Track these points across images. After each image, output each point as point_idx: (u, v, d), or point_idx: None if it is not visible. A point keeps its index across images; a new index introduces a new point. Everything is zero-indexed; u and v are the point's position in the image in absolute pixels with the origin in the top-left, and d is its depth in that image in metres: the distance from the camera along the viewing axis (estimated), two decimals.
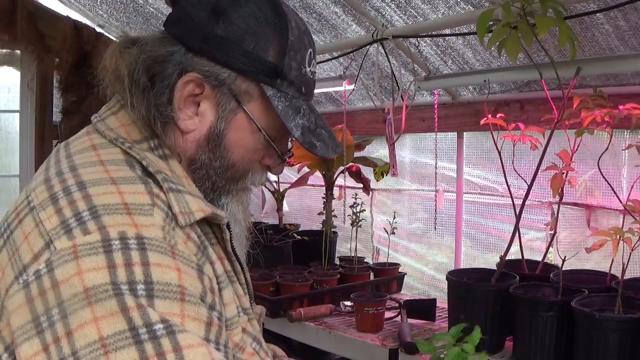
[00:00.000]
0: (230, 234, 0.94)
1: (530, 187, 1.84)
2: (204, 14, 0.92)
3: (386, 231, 2.66)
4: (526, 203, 1.88)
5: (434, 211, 2.80)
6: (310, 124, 0.98)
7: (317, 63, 2.81)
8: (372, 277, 2.69)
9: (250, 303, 1.10)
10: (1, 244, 0.83)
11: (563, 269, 1.75)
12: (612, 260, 1.82)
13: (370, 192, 3.09)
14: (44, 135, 3.42)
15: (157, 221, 0.80)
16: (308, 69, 0.98)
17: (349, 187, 2.96)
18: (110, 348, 0.70)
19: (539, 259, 2.09)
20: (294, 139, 0.97)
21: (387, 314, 2.27)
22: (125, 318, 0.72)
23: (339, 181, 2.94)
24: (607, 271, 1.89)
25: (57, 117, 3.46)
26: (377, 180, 2.84)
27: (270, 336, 2.06)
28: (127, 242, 0.76)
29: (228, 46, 0.91)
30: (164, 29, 0.97)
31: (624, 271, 1.67)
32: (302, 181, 3.11)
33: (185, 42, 0.92)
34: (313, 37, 1.04)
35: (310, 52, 0.99)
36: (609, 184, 1.87)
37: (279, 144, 0.99)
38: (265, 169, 1.03)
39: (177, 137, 0.94)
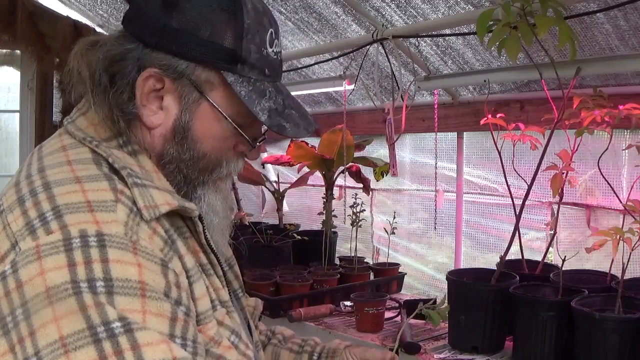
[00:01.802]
0: (204, 226, 0.93)
1: (530, 187, 1.84)
2: (157, 8, 0.91)
3: (386, 231, 2.66)
4: (526, 203, 1.88)
5: (434, 211, 2.80)
6: (278, 106, 0.96)
7: (317, 63, 2.84)
8: (372, 277, 2.69)
9: (239, 295, 1.10)
10: None
11: (563, 269, 1.75)
12: (612, 260, 1.82)
13: (370, 192, 3.09)
14: (44, 135, 3.41)
15: (119, 217, 0.80)
16: (270, 50, 0.96)
17: (349, 187, 2.96)
18: (70, 347, 0.70)
19: (539, 259, 2.09)
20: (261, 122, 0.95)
21: (387, 314, 2.27)
22: (84, 317, 0.72)
23: (339, 181, 2.94)
24: (607, 271, 1.89)
25: (57, 117, 3.46)
26: (377, 180, 2.84)
27: None
28: (87, 240, 0.76)
29: (183, 37, 0.90)
30: (122, 27, 0.96)
31: (624, 271, 1.67)
32: (302, 181, 3.11)
33: (141, 38, 0.92)
34: (313, 36, 1.03)
35: (272, 32, 0.96)
36: (609, 184, 1.87)
37: (249, 130, 0.98)
38: (241, 155, 1.02)
39: (144, 134, 0.94)
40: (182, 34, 0.90)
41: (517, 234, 1.91)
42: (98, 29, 3.36)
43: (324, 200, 2.81)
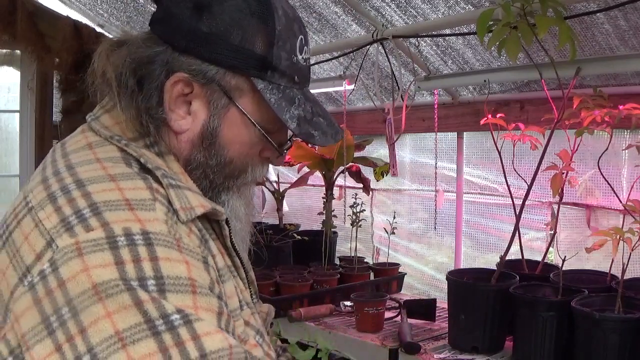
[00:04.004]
0: (230, 230, 0.93)
1: (530, 187, 1.84)
2: (187, 11, 0.90)
3: (386, 231, 2.66)
4: (526, 203, 1.88)
5: (434, 211, 2.80)
6: (307, 114, 0.95)
7: (317, 63, 2.84)
8: (372, 277, 2.69)
9: (254, 300, 1.09)
10: (0, 245, 0.82)
11: (563, 269, 1.75)
12: (612, 260, 1.82)
13: (370, 192, 3.09)
14: (44, 135, 3.41)
15: (159, 215, 0.80)
16: (300, 57, 0.95)
17: (349, 187, 2.95)
18: (127, 341, 0.69)
19: (539, 259, 2.09)
20: (290, 130, 0.95)
21: (387, 314, 2.27)
22: (140, 311, 0.71)
23: (339, 181, 2.94)
24: (607, 271, 1.89)
25: (57, 117, 3.46)
26: (377, 180, 2.84)
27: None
28: (132, 238, 0.75)
29: (214, 42, 0.89)
30: (150, 28, 0.95)
31: (624, 271, 1.67)
32: (302, 181, 3.11)
33: (170, 41, 0.90)
34: (313, 36, 1.02)
35: (301, 38, 0.96)
36: (609, 184, 1.87)
37: (276, 136, 0.97)
38: (266, 161, 1.01)
39: (171, 138, 0.93)
40: (213, 38, 0.89)
41: (517, 234, 1.91)
42: (98, 29, 3.36)
43: (324, 200, 2.81)
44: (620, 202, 1.79)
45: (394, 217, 2.63)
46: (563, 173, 1.85)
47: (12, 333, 0.74)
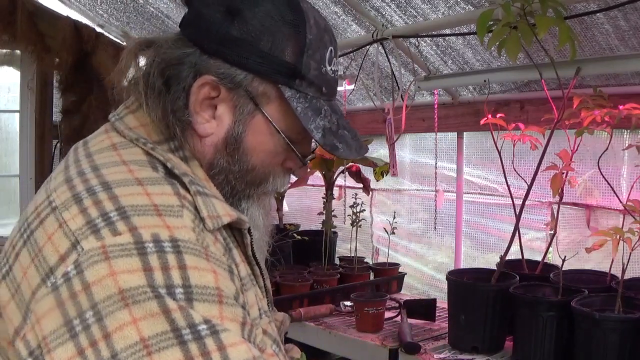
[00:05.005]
0: (251, 239, 0.92)
1: (530, 187, 1.84)
2: (219, 15, 0.89)
3: (386, 231, 2.66)
4: (526, 203, 1.88)
5: (434, 211, 2.80)
6: (332, 125, 0.95)
7: None
8: (372, 277, 2.69)
9: (270, 308, 1.08)
10: (21, 243, 0.81)
11: (563, 269, 1.75)
12: (612, 260, 1.82)
13: (370, 192, 3.09)
14: (44, 135, 3.41)
15: (187, 223, 0.79)
16: (329, 68, 0.95)
17: (349, 187, 2.96)
18: (153, 349, 0.69)
19: (539, 259, 2.09)
20: (315, 140, 0.94)
21: (387, 314, 2.27)
22: (167, 319, 0.70)
23: (339, 181, 2.94)
24: (607, 271, 1.89)
25: (57, 117, 3.46)
26: (377, 180, 2.84)
27: None
28: (161, 245, 0.74)
29: (244, 47, 0.88)
30: (179, 30, 0.95)
31: (624, 271, 1.67)
32: (302, 181, 3.10)
33: (200, 43, 0.90)
34: None
35: (331, 50, 0.95)
36: (608, 184, 1.87)
37: (300, 146, 0.96)
38: (288, 172, 1.01)
39: (195, 142, 0.92)
40: (243, 43, 0.88)
41: (517, 234, 1.91)
42: (98, 29, 3.36)
43: (324, 200, 2.81)
44: (620, 202, 1.79)
45: (394, 217, 2.63)
46: (563, 173, 1.85)
47: (33, 334, 0.73)
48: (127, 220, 0.76)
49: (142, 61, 0.91)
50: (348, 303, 2.40)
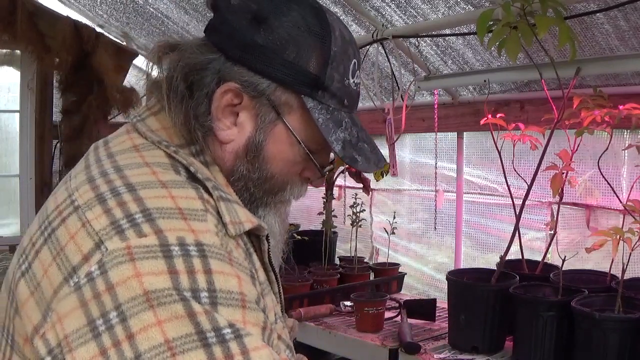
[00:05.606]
0: (269, 246, 0.93)
1: (530, 187, 1.84)
2: (245, 22, 0.89)
3: (386, 231, 2.66)
4: (526, 203, 1.88)
5: (434, 211, 2.80)
6: (352, 138, 0.95)
7: None
8: (372, 277, 2.69)
9: (283, 314, 1.09)
10: (42, 241, 0.80)
11: (563, 269, 1.75)
12: (612, 260, 1.82)
13: (370, 192, 3.09)
14: (44, 135, 3.42)
15: (210, 227, 0.79)
16: (351, 80, 0.95)
17: (349, 187, 2.96)
18: (177, 350, 0.69)
19: (539, 259, 2.09)
20: (334, 153, 0.95)
21: (387, 314, 2.27)
22: (192, 322, 0.71)
23: (339, 181, 2.94)
24: (607, 271, 1.89)
25: (57, 117, 3.46)
26: (377, 180, 2.83)
27: None
28: (187, 249, 0.75)
29: (268, 55, 0.88)
30: (204, 35, 0.95)
31: (624, 271, 1.67)
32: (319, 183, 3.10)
33: (224, 50, 0.90)
34: None
35: (355, 62, 0.96)
36: (608, 184, 1.87)
37: (319, 157, 0.97)
38: (305, 181, 1.01)
39: (216, 148, 0.92)
40: (267, 52, 0.89)
41: (517, 234, 1.91)
42: (98, 29, 3.37)
43: (324, 200, 2.81)
44: (620, 202, 1.79)
45: (394, 217, 2.63)
46: (563, 173, 1.85)
47: (53, 333, 0.73)
48: (153, 222, 0.76)
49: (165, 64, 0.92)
50: (348, 303, 2.40)
